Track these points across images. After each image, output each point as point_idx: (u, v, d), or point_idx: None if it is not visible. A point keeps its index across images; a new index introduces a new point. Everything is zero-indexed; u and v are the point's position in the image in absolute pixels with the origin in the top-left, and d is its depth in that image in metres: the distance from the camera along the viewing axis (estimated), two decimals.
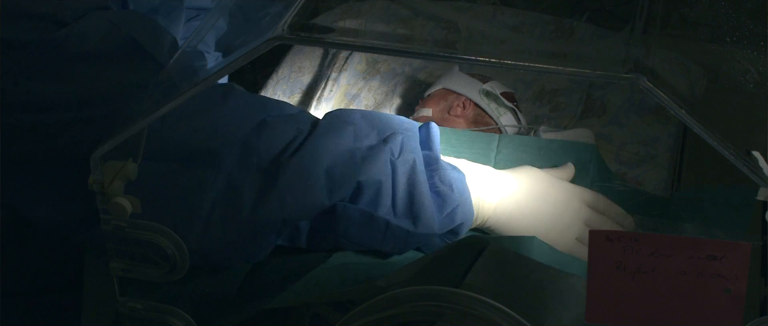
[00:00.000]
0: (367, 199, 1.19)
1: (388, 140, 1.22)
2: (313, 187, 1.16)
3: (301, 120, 1.25)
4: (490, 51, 0.99)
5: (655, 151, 1.73)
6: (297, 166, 1.16)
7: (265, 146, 1.18)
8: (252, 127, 1.20)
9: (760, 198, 1.00)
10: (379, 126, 1.25)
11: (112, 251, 1.13)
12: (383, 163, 1.19)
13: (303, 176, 1.16)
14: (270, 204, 1.15)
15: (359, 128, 1.23)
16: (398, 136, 1.23)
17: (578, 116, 1.87)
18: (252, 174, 1.16)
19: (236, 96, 1.25)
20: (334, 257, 1.22)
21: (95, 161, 1.03)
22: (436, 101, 1.83)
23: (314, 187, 1.16)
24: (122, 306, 1.18)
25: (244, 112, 1.22)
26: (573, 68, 0.97)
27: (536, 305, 1.10)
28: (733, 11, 1.35)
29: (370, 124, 1.25)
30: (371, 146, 1.21)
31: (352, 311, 1.12)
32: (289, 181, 1.15)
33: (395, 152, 1.21)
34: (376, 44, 1.02)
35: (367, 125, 1.24)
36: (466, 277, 1.10)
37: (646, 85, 0.92)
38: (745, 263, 0.97)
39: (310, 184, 1.16)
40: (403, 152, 1.22)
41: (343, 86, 1.99)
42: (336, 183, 1.17)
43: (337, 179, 1.17)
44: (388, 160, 1.20)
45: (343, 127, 1.22)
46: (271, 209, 1.15)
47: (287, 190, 1.15)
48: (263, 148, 1.18)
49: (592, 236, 1.00)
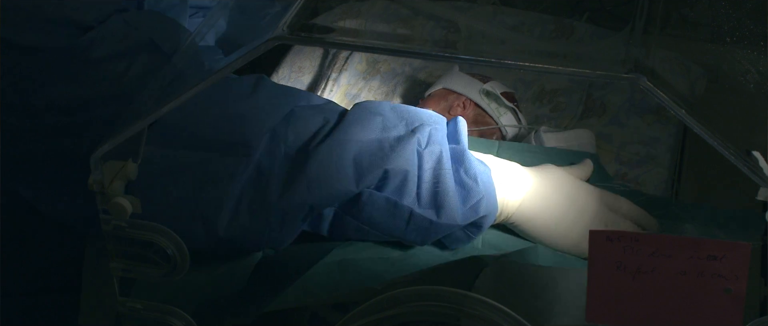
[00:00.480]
0: (392, 188, 1.19)
1: (416, 131, 1.23)
2: (341, 174, 1.17)
3: (329, 110, 1.26)
4: (490, 51, 0.99)
5: (655, 151, 1.73)
6: (325, 154, 1.17)
7: (293, 135, 1.20)
8: (281, 117, 1.21)
9: (760, 198, 1.00)
10: (408, 117, 1.25)
11: (112, 251, 1.13)
12: (410, 153, 1.20)
13: (331, 164, 1.17)
14: (298, 190, 1.16)
15: (387, 119, 1.24)
16: (426, 127, 1.24)
17: (578, 116, 1.87)
18: (280, 162, 1.18)
19: (265, 87, 1.27)
20: (333, 253, 1.22)
21: (95, 161, 1.03)
22: (436, 101, 1.83)
23: (341, 175, 1.17)
24: (122, 306, 1.18)
25: (273, 102, 1.24)
26: (573, 68, 0.97)
27: (538, 307, 1.10)
28: (733, 11, 1.35)
29: (399, 116, 1.25)
30: (399, 136, 1.21)
31: (352, 311, 1.12)
32: (317, 168, 1.16)
33: (422, 143, 1.22)
34: (376, 44, 1.02)
35: (396, 117, 1.25)
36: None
37: (646, 85, 0.92)
38: (745, 263, 0.97)
39: (338, 172, 1.17)
40: (430, 143, 1.22)
41: (343, 86, 1.99)
42: (363, 171, 1.18)
43: (364, 167, 1.18)
44: (415, 149, 1.21)
45: (372, 118, 1.23)
46: (299, 195, 1.16)
47: (315, 177, 1.16)
48: (291, 137, 1.19)
49: (592, 236, 1.00)
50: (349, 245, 1.25)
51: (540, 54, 0.99)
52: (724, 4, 1.37)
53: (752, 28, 1.32)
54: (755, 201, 0.99)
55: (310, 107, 1.26)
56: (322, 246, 1.25)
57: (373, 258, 1.23)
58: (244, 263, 1.26)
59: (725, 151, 0.94)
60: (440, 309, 1.09)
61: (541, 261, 1.20)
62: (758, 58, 1.28)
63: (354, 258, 1.22)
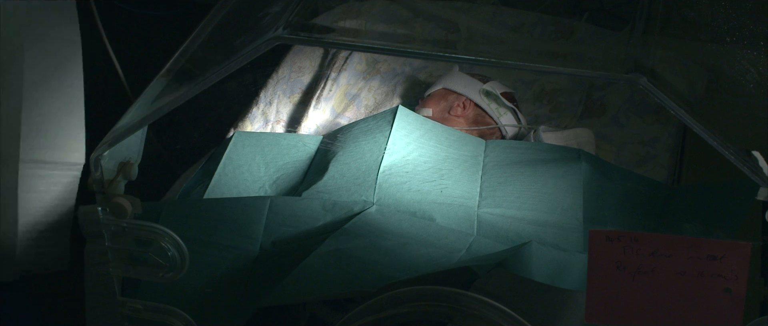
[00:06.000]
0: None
1: None
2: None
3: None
4: (490, 51, 1.00)
5: (655, 151, 1.73)
6: None
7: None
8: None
9: (761, 198, 1.00)
10: None
11: (112, 251, 1.13)
12: None
13: None
14: None
15: None
16: None
17: (578, 116, 1.87)
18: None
19: None
20: (325, 243, 1.23)
21: (95, 161, 1.03)
22: (436, 101, 1.83)
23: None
24: (122, 307, 1.18)
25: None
26: (573, 68, 0.97)
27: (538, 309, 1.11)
28: (733, 11, 1.35)
29: None
30: None
31: (352, 311, 1.12)
32: None
33: None
34: (376, 44, 1.03)
35: None
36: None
37: (646, 85, 0.92)
38: (745, 263, 0.97)
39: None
40: None
41: (343, 86, 1.99)
42: None
43: None
44: None
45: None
46: None
47: None
48: None
49: (592, 236, 1.00)
50: (342, 234, 1.25)
51: (540, 54, 0.99)
52: (724, 4, 1.37)
53: (752, 28, 1.32)
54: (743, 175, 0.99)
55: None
56: (315, 238, 1.26)
57: (367, 247, 1.23)
58: (244, 263, 1.26)
59: (725, 150, 0.94)
60: (440, 308, 1.09)
61: (535, 260, 1.20)
62: (758, 58, 1.28)
63: (347, 248, 1.23)
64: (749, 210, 1.20)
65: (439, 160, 1.55)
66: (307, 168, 1.64)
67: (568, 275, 1.17)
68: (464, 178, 1.51)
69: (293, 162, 1.66)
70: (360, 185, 1.45)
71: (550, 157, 1.54)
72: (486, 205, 1.44)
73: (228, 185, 1.56)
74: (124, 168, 1.07)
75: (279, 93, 1.99)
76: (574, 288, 1.15)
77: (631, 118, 1.82)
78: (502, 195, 1.46)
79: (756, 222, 1.06)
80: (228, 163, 1.60)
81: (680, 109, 0.93)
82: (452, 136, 1.62)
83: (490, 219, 1.41)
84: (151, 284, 1.19)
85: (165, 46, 1.33)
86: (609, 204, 1.45)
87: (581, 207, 1.42)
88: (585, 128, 1.75)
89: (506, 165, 1.54)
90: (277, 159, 1.66)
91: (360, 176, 1.47)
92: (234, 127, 1.86)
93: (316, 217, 1.32)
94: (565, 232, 1.38)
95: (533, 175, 1.50)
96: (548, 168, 1.51)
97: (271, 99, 1.96)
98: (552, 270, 1.17)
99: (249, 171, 1.61)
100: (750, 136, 1.07)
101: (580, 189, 1.45)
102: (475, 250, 1.26)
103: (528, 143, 1.65)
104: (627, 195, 1.47)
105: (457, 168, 1.53)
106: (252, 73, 2.17)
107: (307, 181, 1.56)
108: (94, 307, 1.22)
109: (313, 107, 1.93)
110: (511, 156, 1.56)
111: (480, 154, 1.58)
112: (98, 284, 1.18)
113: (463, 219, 1.40)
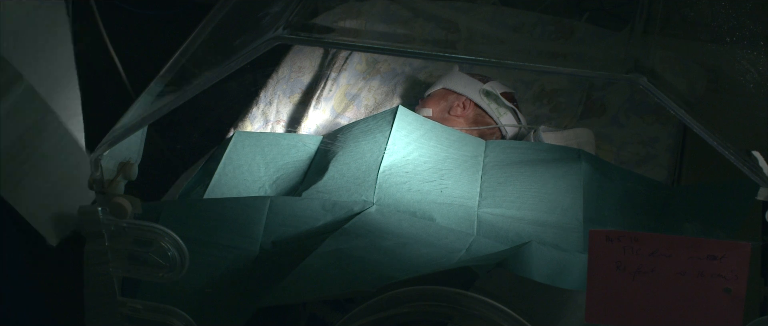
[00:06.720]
0: None
1: None
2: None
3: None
4: (490, 51, 1.00)
5: (655, 151, 1.73)
6: None
7: None
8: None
9: (761, 198, 1.00)
10: None
11: (112, 251, 1.13)
12: None
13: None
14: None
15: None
16: None
17: (578, 116, 1.87)
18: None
19: None
20: (325, 243, 1.22)
21: (95, 161, 1.03)
22: (436, 101, 1.83)
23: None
24: (122, 307, 1.18)
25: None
26: (573, 68, 0.97)
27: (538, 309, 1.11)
28: (733, 11, 1.35)
29: None
30: None
31: (352, 311, 1.12)
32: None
33: None
34: (376, 44, 1.03)
35: None
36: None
37: (646, 85, 0.92)
38: (745, 263, 0.97)
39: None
40: None
41: (343, 86, 1.99)
42: None
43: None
44: None
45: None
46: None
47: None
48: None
49: (592, 236, 1.00)
50: (342, 234, 1.25)
51: (540, 54, 0.99)
52: (724, 4, 1.37)
53: (752, 28, 1.32)
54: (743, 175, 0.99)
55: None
56: (316, 238, 1.26)
57: (367, 247, 1.23)
58: (244, 263, 1.26)
59: (725, 151, 0.94)
60: (440, 308, 1.09)
61: (535, 260, 1.20)
62: (758, 58, 1.28)
63: (347, 248, 1.23)
64: (749, 210, 1.19)
65: (439, 160, 1.55)
66: (307, 168, 1.64)
67: (568, 275, 1.17)
68: (464, 178, 1.51)
69: (293, 162, 1.66)
70: (360, 185, 1.45)
71: (550, 157, 1.54)
72: (486, 205, 1.44)
73: (228, 185, 1.56)
74: (124, 168, 1.07)
75: (279, 93, 1.99)
76: (574, 288, 1.15)
77: (631, 118, 1.82)
78: (502, 195, 1.46)
79: (756, 222, 1.06)
80: (228, 162, 1.60)
81: (680, 109, 0.93)
82: (452, 136, 1.63)
83: (490, 219, 1.41)
84: (151, 284, 1.19)
85: (165, 46, 1.33)
86: (609, 204, 1.46)
87: (581, 207, 1.42)
88: (585, 128, 1.75)
89: (506, 165, 1.54)
90: (277, 159, 1.66)
91: (360, 176, 1.48)
92: (234, 127, 1.86)
93: (316, 217, 1.32)
94: (565, 232, 1.38)
95: (533, 175, 1.50)
96: (548, 168, 1.51)
97: (271, 99, 1.96)
98: (552, 270, 1.17)
99: (249, 171, 1.61)
100: (750, 136, 1.07)
101: (580, 190, 1.45)
102: (475, 250, 1.26)
103: (528, 143, 1.65)
104: (627, 195, 1.47)
105: (457, 169, 1.53)
106: (252, 73, 2.17)
107: (307, 181, 1.56)
108: (94, 307, 1.22)
109: (313, 107, 1.93)
110: (511, 156, 1.56)
111: (480, 154, 1.58)
112: (98, 284, 1.18)
113: (463, 219, 1.41)
